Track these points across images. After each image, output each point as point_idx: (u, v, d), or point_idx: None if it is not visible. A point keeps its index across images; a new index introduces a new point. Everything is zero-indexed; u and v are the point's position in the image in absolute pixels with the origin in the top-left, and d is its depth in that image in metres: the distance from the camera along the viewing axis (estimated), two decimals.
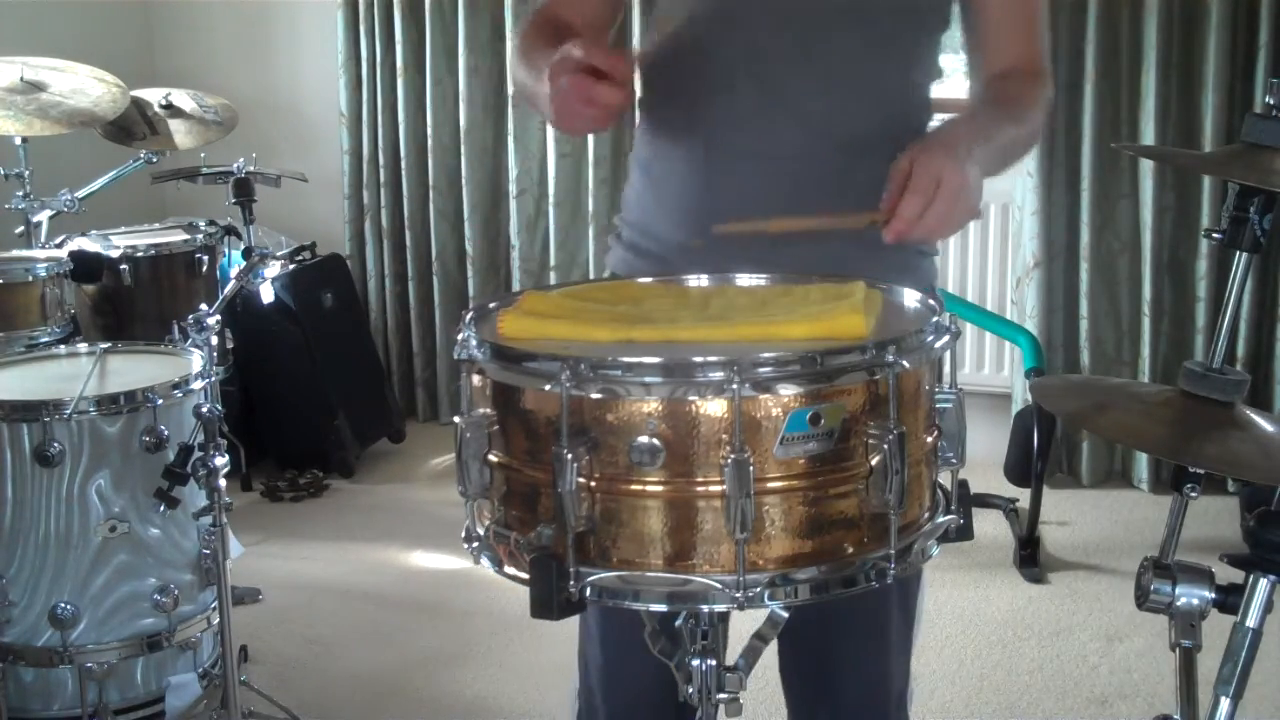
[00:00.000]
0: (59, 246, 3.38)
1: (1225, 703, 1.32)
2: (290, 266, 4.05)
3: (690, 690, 1.22)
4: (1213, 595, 1.34)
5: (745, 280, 1.42)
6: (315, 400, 4.05)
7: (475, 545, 1.21)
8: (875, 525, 1.12)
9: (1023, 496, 3.51)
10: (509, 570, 1.16)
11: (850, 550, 1.11)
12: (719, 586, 1.08)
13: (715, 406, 1.06)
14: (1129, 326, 3.93)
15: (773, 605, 1.14)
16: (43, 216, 3.41)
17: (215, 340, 2.40)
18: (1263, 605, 1.32)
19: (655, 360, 1.08)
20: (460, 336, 1.20)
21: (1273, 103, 1.29)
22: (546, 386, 1.09)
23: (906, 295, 1.32)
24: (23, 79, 3.33)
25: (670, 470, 1.07)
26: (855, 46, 1.50)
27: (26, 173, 3.39)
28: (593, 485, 1.09)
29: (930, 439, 1.19)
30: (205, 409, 2.27)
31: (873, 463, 1.10)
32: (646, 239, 1.60)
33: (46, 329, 2.98)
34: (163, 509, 2.32)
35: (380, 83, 4.45)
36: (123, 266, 3.40)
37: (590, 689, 1.67)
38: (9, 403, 2.35)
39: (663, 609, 1.12)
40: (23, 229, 3.42)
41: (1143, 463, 3.92)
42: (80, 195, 3.48)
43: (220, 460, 2.27)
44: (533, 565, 1.10)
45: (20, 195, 3.39)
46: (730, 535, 1.06)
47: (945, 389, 1.20)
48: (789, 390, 1.07)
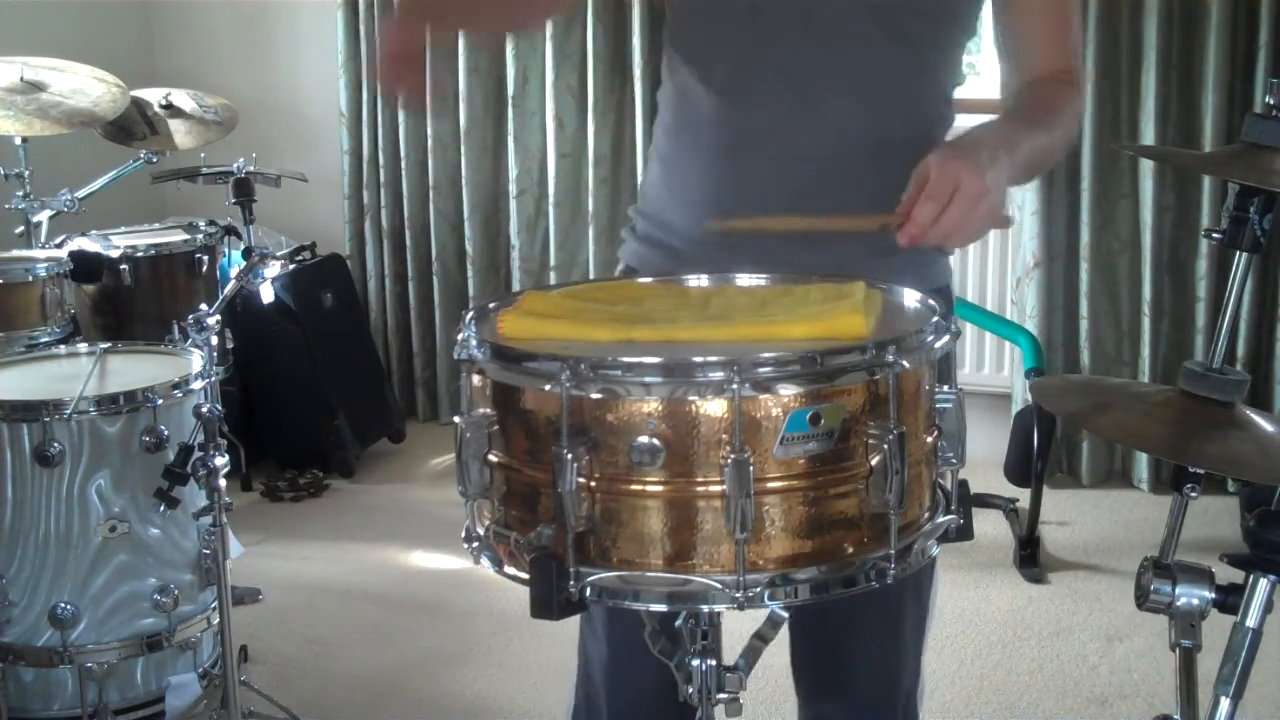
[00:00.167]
0: (59, 246, 3.38)
1: (1225, 703, 1.32)
2: (290, 266, 4.05)
3: (690, 690, 1.22)
4: (1213, 595, 1.34)
5: (745, 280, 1.42)
6: (315, 400, 4.05)
7: (475, 545, 1.21)
8: (875, 525, 1.12)
9: (1023, 496, 3.51)
10: (509, 570, 1.16)
11: (850, 550, 1.11)
12: (719, 586, 1.08)
13: (715, 406, 1.06)
14: (1129, 326, 3.93)
15: (773, 605, 1.14)
16: (43, 216, 3.41)
17: (215, 340, 2.40)
18: (1263, 605, 1.32)
19: (655, 360, 1.08)
20: (460, 336, 1.20)
21: (1273, 103, 1.29)
22: (546, 386, 1.09)
23: (906, 295, 1.32)
24: (23, 79, 3.33)
25: (670, 470, 1.07)
26: (884, 56, 1.49)
27: (26, 173, 3.39)
28: (593, 485, 1.09)
29: (930, 439, 1.19)
30: (205, 409, 2.27)
31: (873, 463, 1.10)
32: (663, 231, 1.60)
33: (46, 329, 2.98)
34: (163, 509, 2.32)
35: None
36: (123, 266, 3.40)
37: (594, 688, 1.67)
38: (9, 403, 2.35)
39: (663, 609, 1.12)
40: (23, 229, 3.42)
41: (1143, 463, 3.92)
42: (80, 195, 3.48)
43: (220, 460, 2.27)
44: (533, 565, 1.10)
45: (20, 195, 3.39)
46: (730, 535, 1.06)
47: (945, 389, 1.21)
48: (789, 390, 1.07)
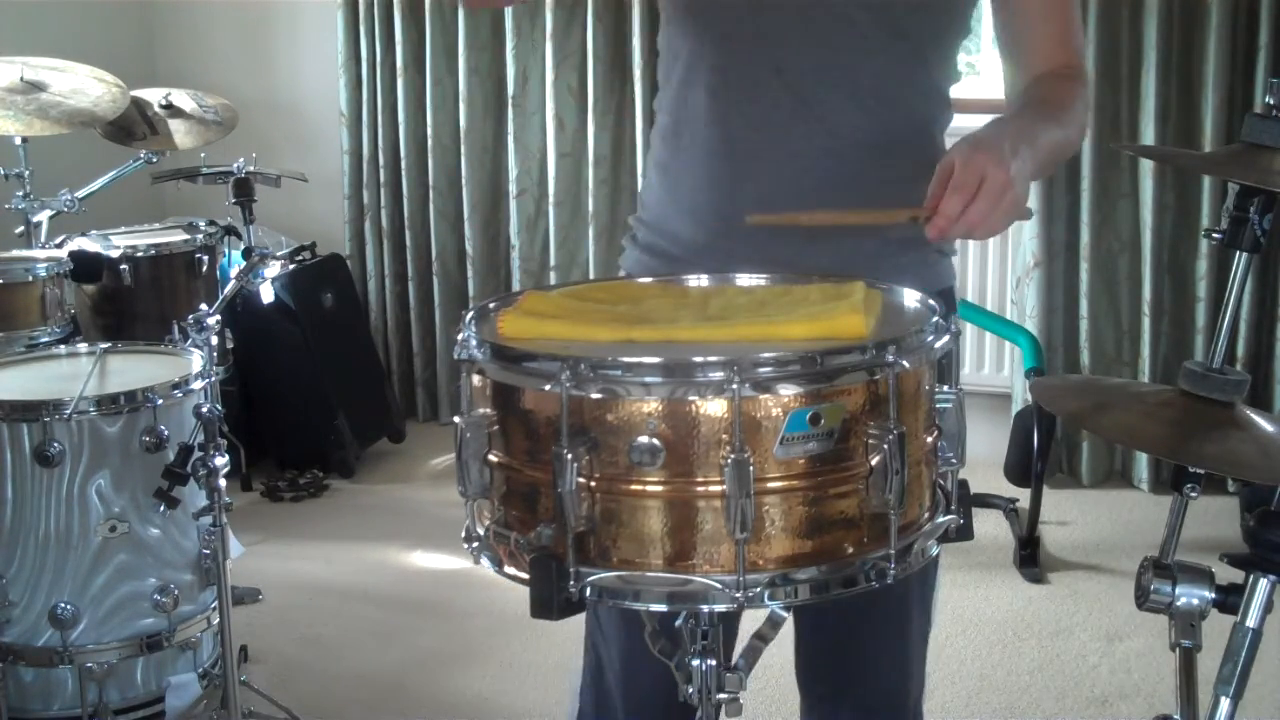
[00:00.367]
0: (59, 246, 3.38)
1: (1225, 703, 1.32)
2: (290, 266, 4.05)
3: (690, 690, 1.22)
4: (1213, 595, 1.34)
5: (745, 280, 1.42)
6: (315, 400, 4.05)
7: (475, 545, 1.21)
8: (875, 525, 1.12)
9: (1023, 496, 3.51)
10: (509, 570, 1.16)
11: (850, 550, 1.11)
12: (719, 586, 1.08)
13: (715, 406, 1.06)
14: (1129, 326, 3.93)
15: (773, 605, 1.14)
16: (43, 216, 3.41)
17: (215, 340, 2.40)
18: (1263, 605, 1.32)
19: (655, 360, 1.08)
20: (460, 336, 1.20)
21: (1273, 103, 1.29)
22: (546, 386, 1.09)
23: (906, 295, 1.32)
24: (23, 79, 3.33)
25: (670, 470, 1.07)
26: (883, 53, 1.49)
27: (26, 173, 3.39)
28: (593, 485, 1.09)
29: (930, 439, 1.19)
30: (205, 409, 2.27)
31: (873, 463, 1.10)
32: (664, 239, 1.60)
33: (46, 329, 2.98)
34: (163, 509, 2.32)
35: (380, 83, 4.45)
36: (123, 266, 3.41)
37: (606, 690, 1.66)
38: (9, 403, 2.35)
39: (663, 609, 1.12)
40: (23, 229, 3.42)
41: (1143, 463, 3.92)
42: (80, 195, 3.48)
43: (220, 460, 2.27)
44: (533, 565, 1.10)
45: (20, 195, 3.39)
46: (730, 535, 1.06)
47: (945, 389, 1.21)
48: (789, 390, 1.07)
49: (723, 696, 1.22)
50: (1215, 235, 1.35)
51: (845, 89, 1.49)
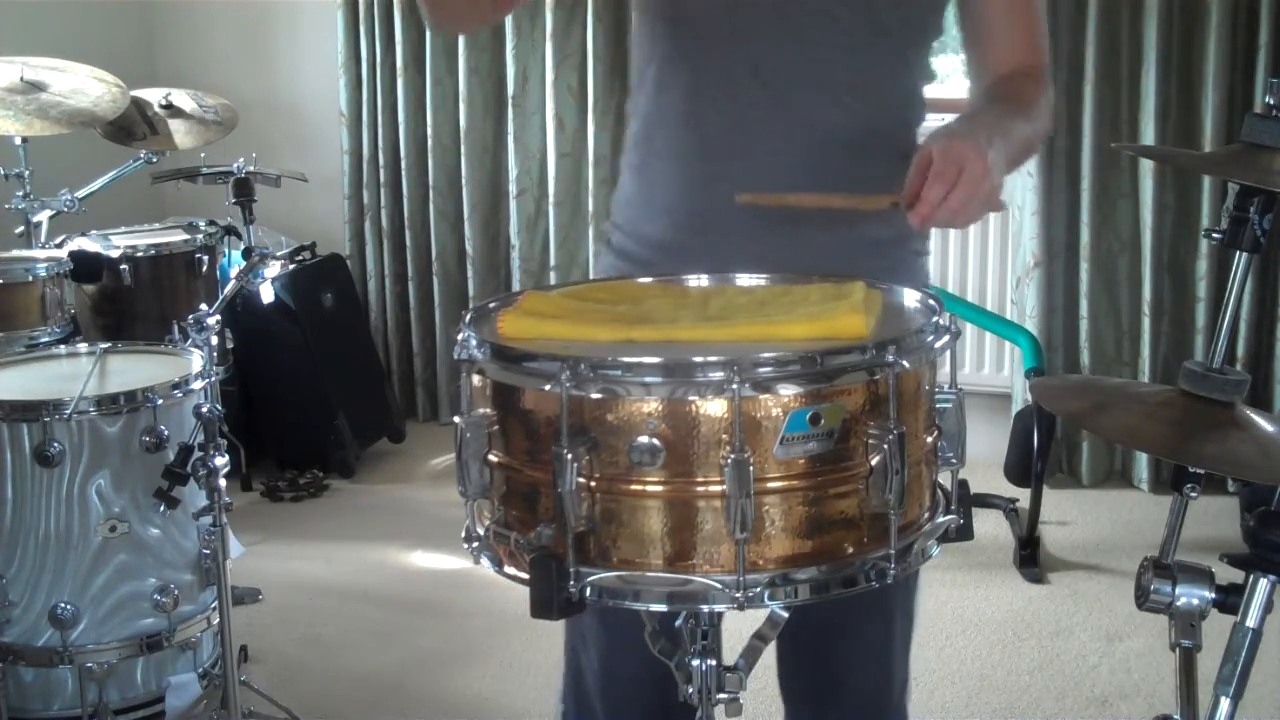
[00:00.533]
0: (59, 246, 3.38)
1: (1225, 703, 1.32)
2: (290, 266, 4.05)
3: (690, 690, 1.22)
4: (1213, 595, 1.34)
5: (745, 280, 1.42)
6: (315, 400, 4.05)
7: (475, 545, 1.21)
8: (875, 525, 1.12)
9: (1023, 496, 3.51)
10: (509, 570, 1.16)
11: (850, 550, 1.11)
12: (719, 586, 1.08)
13: (715, 406, 1.06)
14: (1129, 326, 3.93)
15: (773, 605, 1.14)
16: (43, 216, 3.41)
17: (215, 340, 2.40)
18: (1263, 605, 1.32)
19: (655, 360, 1.08)
20: (460, 336, 1.20)
21: (1273, 103, 1.29)
22: (546, 386, 1.09)
23: (906, 295, 1.32)
24: (23, 79, 3.33)
25: (670, 470, 1.07)
26: (861, 51, 1.50)
27: (26, 173, 3.39)
28: (593, 485, 1.09)
29: (930, 439, 1.19)
30: (205, 409, 2.27)
31: (873, 463, 1.10)
32: (636, 242, 1.59)
33: (46, 329, 2.98)
34: (163, 509, 2.32)
35: (380, 83, 4.45)
36: (123, 266, 3.41)
37: (585, 693, 1.66)
38: (9, 403, 2.35)
39: (663, 609, 1.12)
40: (23, 229, 3.42)
41: (1143, 463, 3.92)
42: (80, 195, 3.48)
43: (220, 460, 2.27)
44: (533, 565, 1.10)
45: (20, 195, 3.39)
46: (730, 535, 1.06)
47: (945, 389, 1.21)
48: (789, 390, 1.07)
49: (723, 696, 1.22)
50: (1215, 235, 1.35)
51: (824, 86, 1.50)
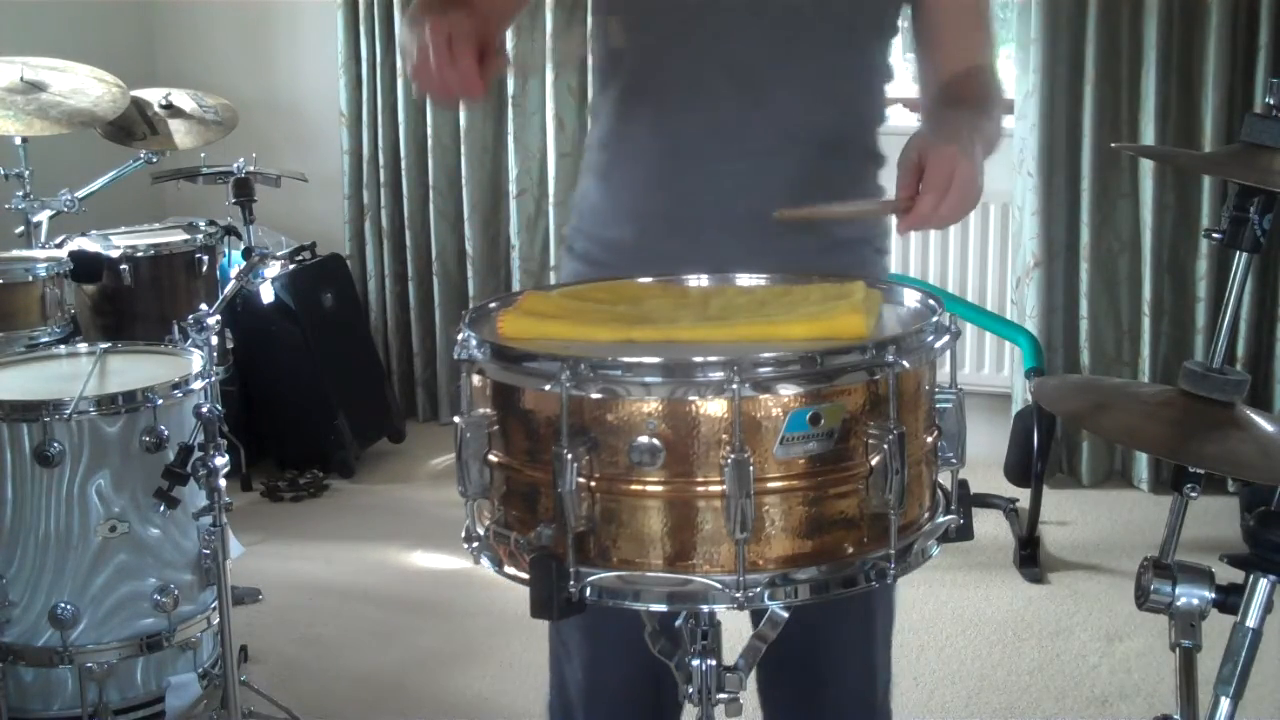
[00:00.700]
0: (59, 246, 3.38)
1: (1225, 703, 1.32)
2: (290, 266, 4.05)
3: (690, 690, 1.22)
4: (1213, 595, 1.34)
5: (745, 280, 1.42)
6: (315, 400, 4.05)
7: (475, 545, 1.21)
8: (875, 525, 1.12)
9: (1023, 496, 3.51)
10: (509, 570, 1.16)
11: (850, 550, 1.11)
12: (719, 586, 1.08)
13: (715, 406, 1.06)
14: (1129, 326, 3.93)
15: (773, 605, 1.14)
16: (43, 216, 3.41)
17: (215, 340, 2.40)
18: (1263, 605, 1.32)
19: (655, 360, 1.08)
20: (460, 336, 1.20)
21: (1273, 103, 1.29)
22: (546, 386, 1.09)
23: (906, 295, 1.32)
24: (23, 79, 3.33)
25: (670, 470, 1.08)
26: (830, 49, 1.51)
27: (26, 173, 3.39)
28: (593, 485, 1.09)
29: (930, 439, 1.19)
30: (205, 409, 2.26)
31: (873, 463, 1.10)
32: (600, 246, 1.58)
33: (46, 329, 2.98)
34: (163, 509, 2.32)
35: (380, 83, 4.45)
36: (123, 266, 3.40)
37: (570, 702, 1.66)
38: (9, 403, 2.35)
39: (663, 609, 1.12)
40: (23, 229, 3.42)
41: (1143, 463, 3.92)
42: (80, 195, 3.47)
43: (220, 460, 2.27)
44: (533, 565, 1.10)
45: (20, 195, 3.39)
46: (730, 535, 1.06)
47: (945, 389, 1.21)
48: (789, 390, 1.07)
49: (723, 696, 1.22)
50: (1215, 235, 1.35)
51: (796, 85, 1.50)
